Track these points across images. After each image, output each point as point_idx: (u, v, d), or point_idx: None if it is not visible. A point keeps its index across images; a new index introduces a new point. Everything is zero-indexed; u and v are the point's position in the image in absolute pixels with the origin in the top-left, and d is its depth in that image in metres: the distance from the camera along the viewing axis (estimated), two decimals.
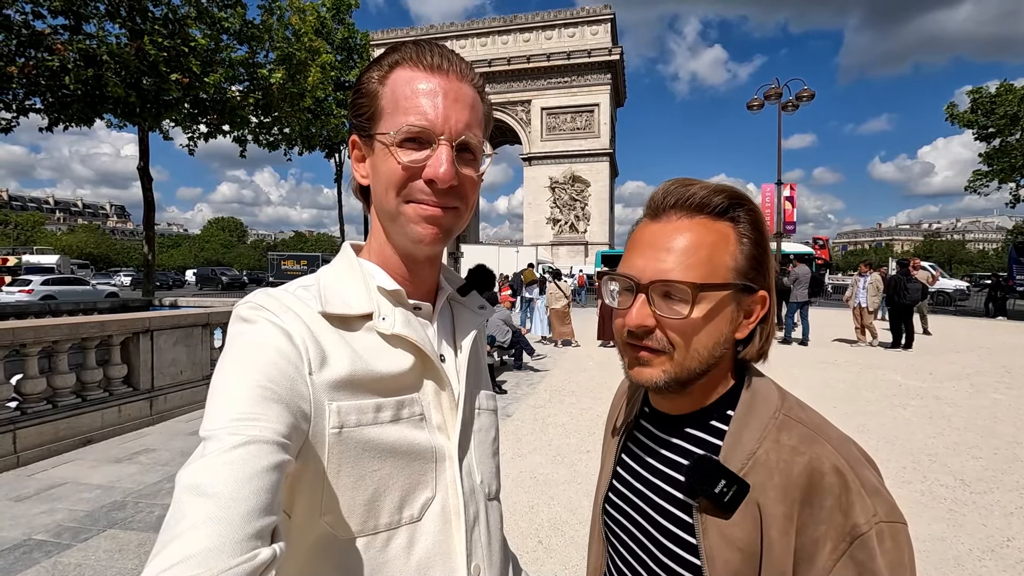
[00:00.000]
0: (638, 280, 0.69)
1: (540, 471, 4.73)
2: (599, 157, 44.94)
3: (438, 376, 0.75)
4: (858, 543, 0.60)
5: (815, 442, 0.66)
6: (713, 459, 0.68)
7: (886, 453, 5.15)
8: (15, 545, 3.40)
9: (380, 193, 0.73)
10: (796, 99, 20.46)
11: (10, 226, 68.08)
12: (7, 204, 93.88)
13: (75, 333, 5.40)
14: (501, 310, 9.75)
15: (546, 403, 7.23)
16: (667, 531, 0.73)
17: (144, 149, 13.68)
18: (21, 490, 4.29)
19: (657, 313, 0.68)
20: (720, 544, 0.66)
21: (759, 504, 0.64)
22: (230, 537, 0.47)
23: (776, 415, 0.70)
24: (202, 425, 0.57)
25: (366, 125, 0.73)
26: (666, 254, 0.68)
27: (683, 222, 0.70)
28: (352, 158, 0.78)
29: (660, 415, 0.80)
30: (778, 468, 0.65)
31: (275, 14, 13.78)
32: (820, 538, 0.61)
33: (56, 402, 5.29)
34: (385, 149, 0.71)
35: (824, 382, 8.35)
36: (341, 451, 0.65)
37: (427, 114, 0.69)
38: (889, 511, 0.62)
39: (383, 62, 0.74)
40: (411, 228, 0.72)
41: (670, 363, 0.69)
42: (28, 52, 11.08)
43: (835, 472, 0.63)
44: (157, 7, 11.76)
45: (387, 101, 0.72)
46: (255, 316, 0.65)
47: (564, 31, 46.80)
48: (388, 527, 0.68)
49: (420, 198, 0.70)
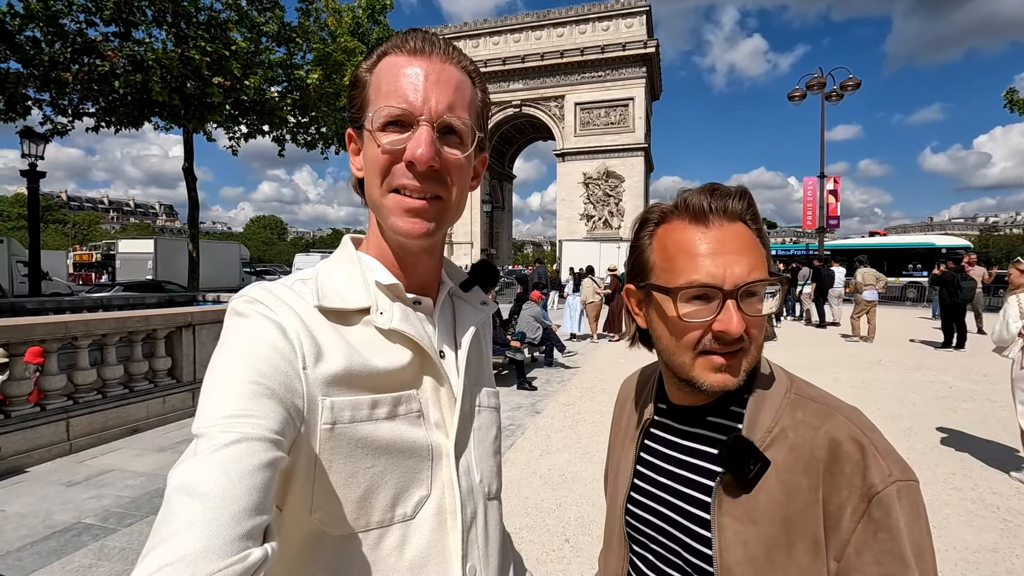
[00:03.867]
0: (721, 286, 0.69)
1: (569, 469, 4.70)
2: (633, 152, 44.26)
3: (437, 372, 0.74)
4: (875, 502, 0.63)
5: (829, 416, 0.71)
6: (747, 439, 0.71)
7: (934, 458, 4.91)
8: (65, 528, 3.59)
9: (368, 183, 0.73)
10: (840, 88, 19.68)
11: (69, 225, 71.81)
12: (66, 204, 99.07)
13: (122, 327, 5.65)
14: (532, 306, 9.73)
15: (576, 400, 7.18)
16: (699, 519, 0.74)
17: (189, 150, 14.19)
18: (73, 475, 4.52)
19: (745, 315, 0.70)
20: (735, 516, 0.70)
21: (781, 478, 0.68)
22: (220, 538, 0.46)
23: (788, 394, 0.75)
24: (194, 422, 0.56)
25: (357, 116, 0.73)
26: (738, 257, 0.70)
27: (734, 226, 0.72)
28: (350, 152, 0.77)
29: (680, 409, 0.81)
30: (799, 444, 0.69)
31: (311, 16, 14.06)
32: (843, 503, 0.65)
33: (105, 392, 5.55)
34: (370, 136, 0.70)
35: (868, 382, 8.02)
36: (333, 447, 0.63)
37: (406, 96, 0.68)
38: (902, 470, 0.66)
39: (373, 53, 0.74)
40: (393, 221, 0.70)
41: (746, 360, 0.72)
42: (81, 59, 11.62)
43: (852, 440, 0.67)
44: (200, 12, 12.17)
45: (372, 89, 0.71)
46: (249, 310, 0.64)
47: (598, 25, 46.23)
48: (380, 525, 0.66)
49: (402, 183, 0.69)
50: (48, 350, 5.03)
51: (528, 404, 7.04)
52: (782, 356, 10.35)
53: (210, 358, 0.61)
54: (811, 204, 25.87)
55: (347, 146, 0.78)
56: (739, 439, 0.70)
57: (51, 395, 5.03)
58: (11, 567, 3.11)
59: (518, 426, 6.02)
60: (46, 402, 5.01)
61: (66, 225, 70.65)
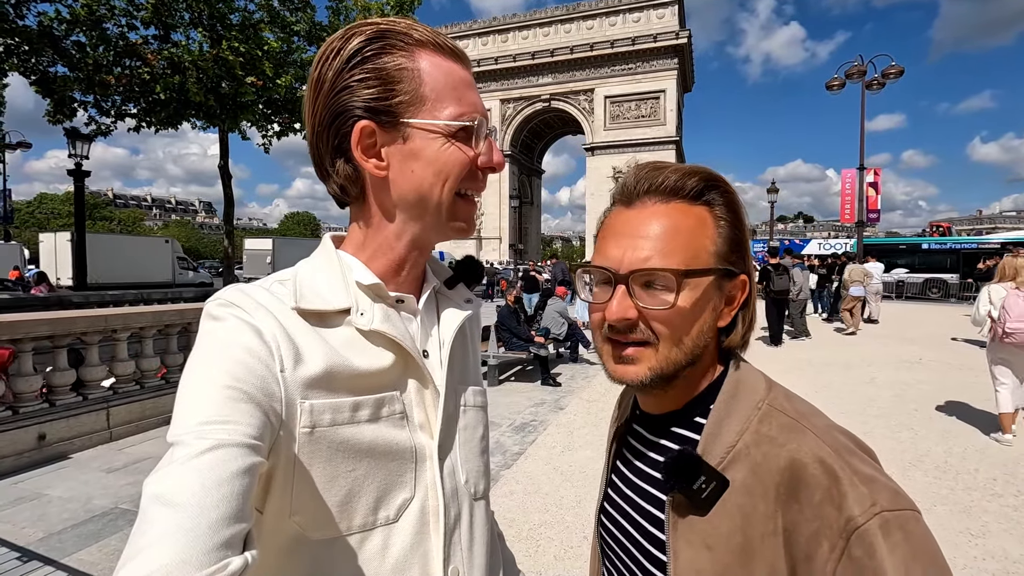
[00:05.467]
0: (616, 271, 0.65)
1: (590, 466, 4.67)
2: (665, 145, 43.52)
3: (420, 373, 0.73)
4: (855, 538, 0.52)
5: (796, 431, 0.60)
6: (693, 453, 0.63)
7: (974, 462, 4.70)
8: (104, 512, 3.75)
9: (429, 184, 0.70)
10: (882, 77, 18.91)
11: (115, 222, 74.83)
12: (112, 202, 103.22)
13: (159, 320, 5.87)
14: (557, 302, 9.69)
15: (600, 397, 7.13)
16: (654, 538, 0.68)
17: (224, 149, 14.60)
18: (112, 462, 4.72)
19: (639, 304, 0.64)
20: (689, 541, 0.62)
21: (739, 501, 0.60)
22: (198, 547, 0.45)
23: (759, 405, 0.64)
24: (169, 430, 0.54)
25: (395, 110, 0.68)
26: (644, 241, 0.64)
27: (658, 207, 0.66)
28: (359, 147, 0.69)
29: (648, 417, 0.75)
30: (759, 462, 0.60)
31: (341, 15, 14.27)
32: (814, 536, 0.54)
33: (143, 383, 5.78)
34: (440, 139, 0.70)
35: (905, 382, 7.73)
36: (312, 450, 0.63)
37: (478, 106, 0.73)
38: (892, 498, 0.54)
39: (398, 41, 0.69)
40: (457, 222, 0.75)
41: (655, 357, 0.65)
42: (123, 61, 12.07)
43: (819, 463, 0.57)
44: (233, 13, 12.48)
45: (430, 89, 0.69)
46: (224, 313, 0.63)
47: (628, 16, 45.52)
48: (362, 528, 0.66)
49: (476, 185, 0.74)
50: (88, 342, 5.27)
51: (552, 400, 7.02)
52: (817, 354, 10.07)
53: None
54: (849, 197, 25.04)
55: (358, 141, 0.69)
56: (680, 455, 0.63)
57: (57, 391, 5.14)
58: (52, 548, 3.27)
59: (540, 422, 6.02)
60: (87, 391, 5.25)
61: (112, 222, 73.60)
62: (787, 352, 10.49)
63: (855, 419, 5.95)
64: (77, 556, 3.19)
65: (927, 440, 5.33)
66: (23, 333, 4.73)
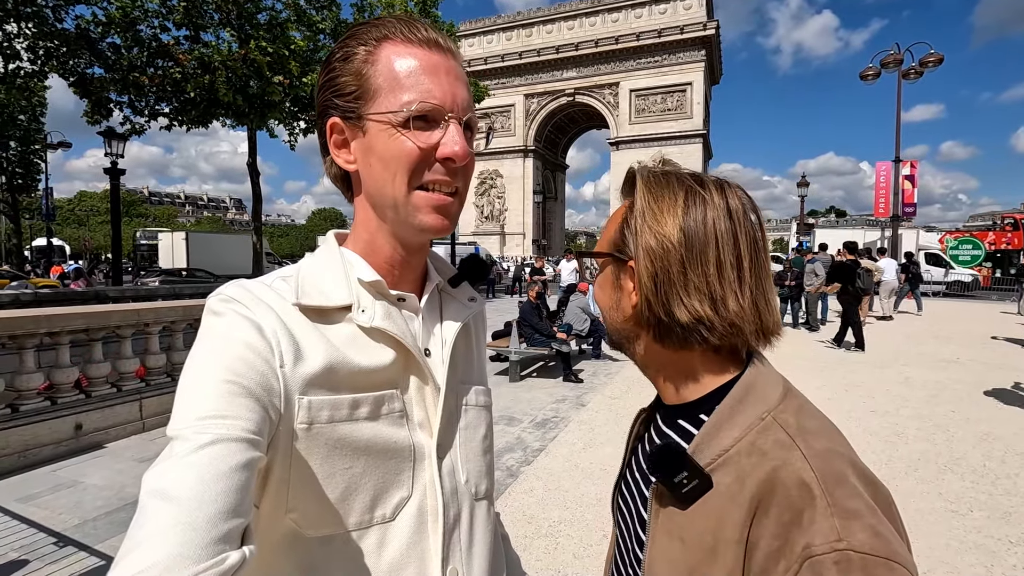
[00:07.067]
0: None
1: (611, 463, 4.63)
2: (691, 139, 42.90)
3: (421, 371, 0.72)
4: (807, 566, 0.50)
5: (788, 449, 0.58)
6: (677, 447, 0.65)
7: (1015, 466, 4.51)
8: (136, 501, 3.85)
9: (383, 179, 0.69)
10: (920, 65, 18.27)
11: (150, 219, 77.18)
12: (147, 200, 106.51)
13: (188, 314, 6.03)
14: (580, 298, 9.63)
15: (623, 394, 7.07)
16: (644, 522, 0.70)
17: (252, 147, 14.92)
18: (144, 452, 4.87)
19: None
20: (668, 530, 0.65)
21: (719, 504, 0.60)
22: (196, 542, 0.45)
23: (763, 416, 0.62)
24: (169, 425, 0.55)
25: (354, 105, 0.69)
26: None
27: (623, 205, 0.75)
28: (332, 143, 0.72)
29: (663, 405, 0.77)
30: (746, 472, 0.59)
31: (366, 12, 14.40)
32: (774, 554, 0.53)
33: (174, 375, 5.94)
34: (390, 130, 0.67)
35: (942, 382, 7.46)
36: (309, 447, 0.62)
37: (433, 92, 0.67)
38: (868, 541, 0.50)
39: (365, 37, 0.69)
40: (419, 218, 0.69)
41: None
42: (156, 62, 12.41)
43: (800, 486, 0.55)
44: (261, 12, 12.71)
45: (384, 79, 0.67)
46: (224, 309, 0.63)
47: (654, 8, 44.90)
48: (358, 527, 0.65)
49: (436, 179, 0.68)
50: (122, 335, 5.45)
51: (573, 397, 6.99)
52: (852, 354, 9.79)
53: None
54: (884, 190, 24.23)
55: (326, 137, 0.72)
56: (666, 447, 0.65)
57: (94, 382, 5.38)
58: (87, 535, 3.39)
59: (562, 419, 6.00)
60: (121, 383, 5.43)
61: (147, 219, 75.91)
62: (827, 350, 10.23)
63: (887, 420, 5.78)
64: (110, 542, 3.30)
65: (964, 443, 5.14)
66: (61, 326, 4.91)
